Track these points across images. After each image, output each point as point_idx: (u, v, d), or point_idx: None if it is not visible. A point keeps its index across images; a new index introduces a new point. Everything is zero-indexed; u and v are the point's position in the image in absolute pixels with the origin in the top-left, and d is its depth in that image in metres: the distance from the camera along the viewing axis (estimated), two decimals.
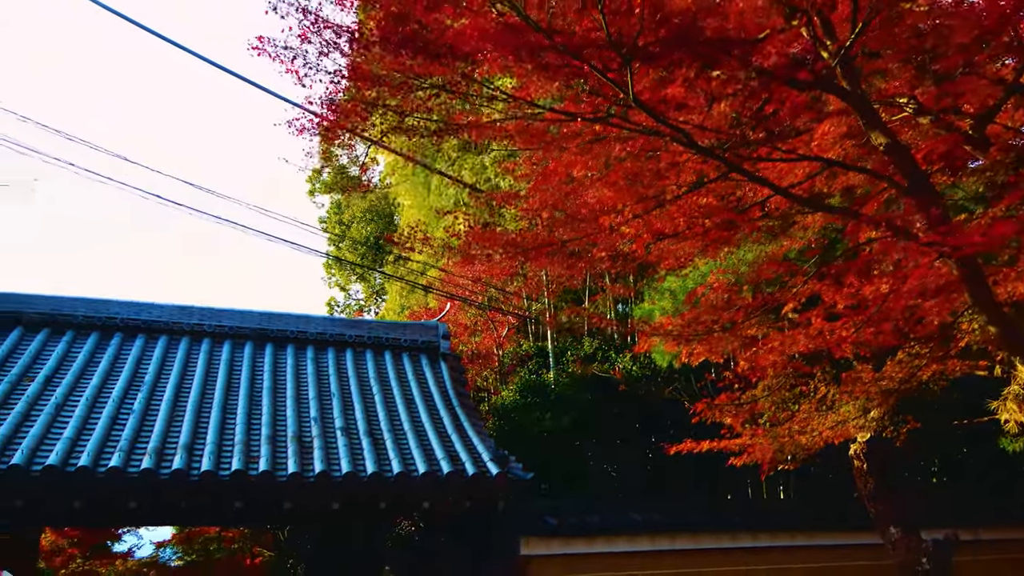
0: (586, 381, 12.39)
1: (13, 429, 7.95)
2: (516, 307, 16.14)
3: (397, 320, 17.24)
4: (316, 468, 8.25)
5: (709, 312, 6.02)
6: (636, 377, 12.06)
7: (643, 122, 4.73)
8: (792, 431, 6.69)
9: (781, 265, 6.05)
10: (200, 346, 10.99)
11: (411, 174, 21.01)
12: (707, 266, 8.41)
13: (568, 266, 5.85)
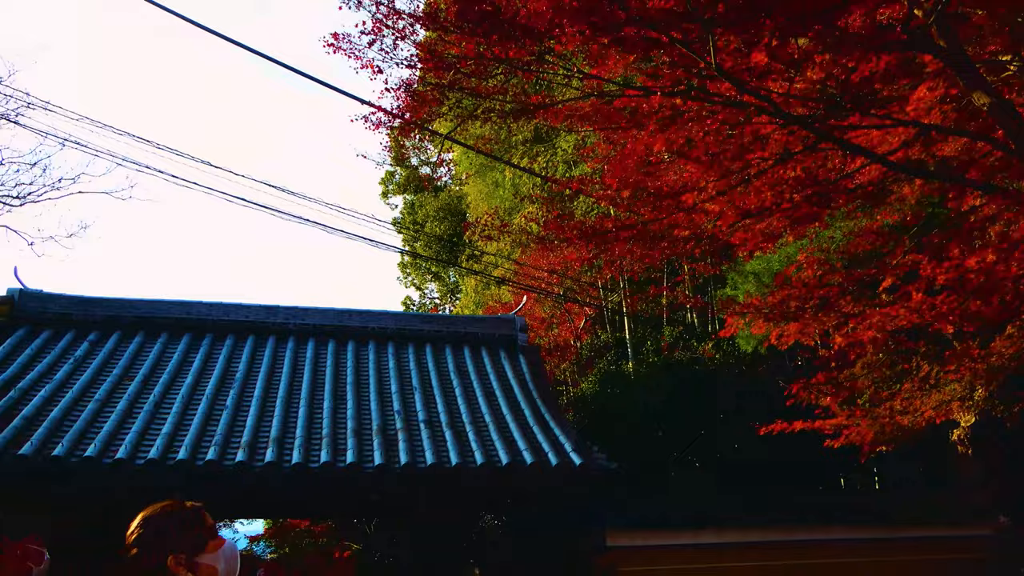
0: (667, 370, 12.15)
1: (116, 426, 8.34)
2: (592, 298, 15.99)
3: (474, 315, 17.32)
4: (401, 459, 8.34)
5: (800, 291, 5.77)
6: (719, 365, 11.76)
7: (726, 93, 4.56)
8: (893, 411, 6.34)
9: (878, 236, 5.73)
10: (286, 344, 11.29)
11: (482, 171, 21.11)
12: (793, 247, 8.11)
13: (648, 248, 5.70)
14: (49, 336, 10.39)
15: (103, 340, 10.54)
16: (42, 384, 9.12)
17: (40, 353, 9.93)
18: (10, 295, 10.75)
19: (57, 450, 7.56)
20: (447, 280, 33.22)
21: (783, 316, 5.80)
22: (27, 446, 7.54)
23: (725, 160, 4.92)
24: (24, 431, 7.93)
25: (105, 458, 7.66)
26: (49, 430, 7.98)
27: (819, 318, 5.85)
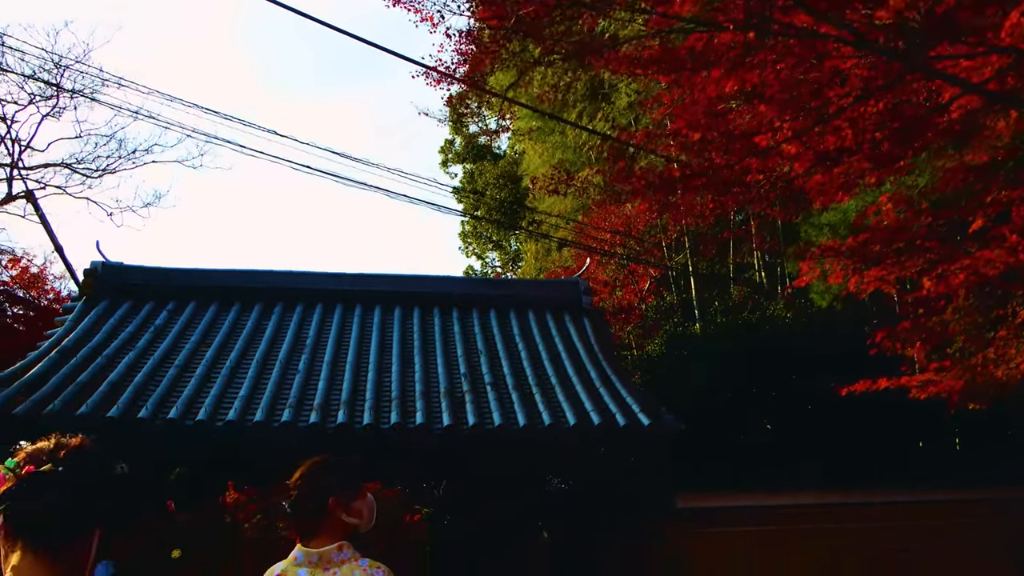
0: (734, 331, 11.86)
1: (196, 390, 8.62)
2: (657, 259, 15.73)
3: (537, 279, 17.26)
4: (469, 421, 8.40)
5: (882, 234, 5.48)
6: (790, 325, 11.41)
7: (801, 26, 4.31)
8: (986, 362, 5.99)
9: (969, 172, 5.37)
10: (353, 311, 11.46)
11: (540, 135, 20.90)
12: (871, 195, 7.74)
13: (720, 195, 5.50)
14: (130, 306, 10.79)
15: (180, 309, 10.90)
16: (125, 351, 9.49)
17: (123, 322, 10.32)
18: (94, 267, 11.19)
19: (142, 413, 7.87)
20: (508, 249, 33.26)
21: (865, 259, 5.52)
22: (114, 409, 7.87)
23: (802, 98, 4.68)
24: (111, 395, 8.28)
25: (187, 420, 7.94)
26: (134, 394, 8.31)
27: (903, 262, 5.54)
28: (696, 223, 13.43)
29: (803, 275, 6.49)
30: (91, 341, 9.60)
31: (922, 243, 5.38)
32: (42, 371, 8.61)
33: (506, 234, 31.75)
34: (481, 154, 32.31)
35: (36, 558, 1.35)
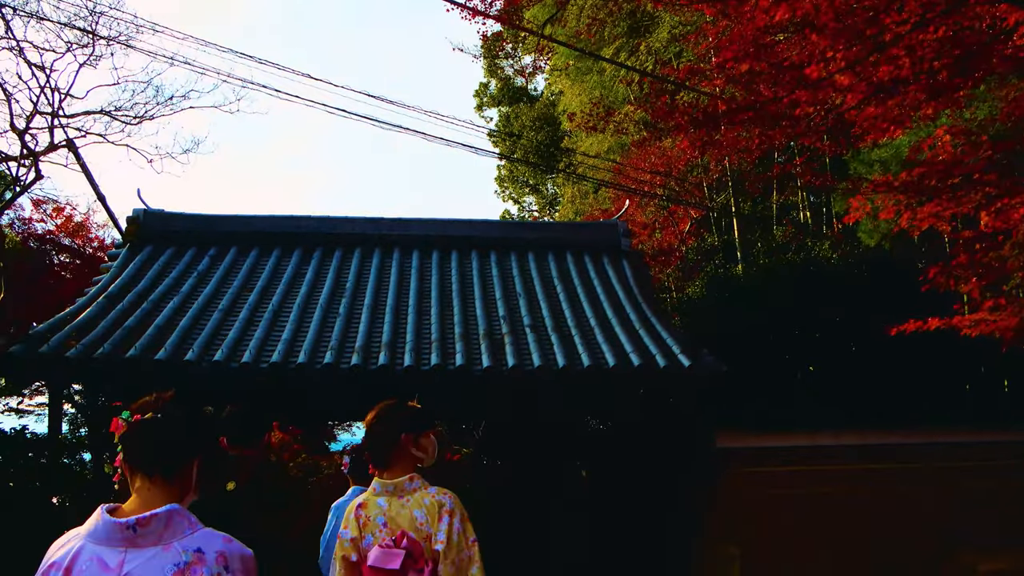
0: (777, 273, 11.64)
1: (240, 333, 8.79)
2: (698, 200, 15.42)
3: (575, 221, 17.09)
4: (509, 362, 8.43)
5: (938, 168, 5.24)
6: (836, 265, 11.14)
7: None
8: None
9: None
10: (392, 255, 11.50)
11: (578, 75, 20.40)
12: (925, 130, 7.41)
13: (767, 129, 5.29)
14: (173, 252, 10.97)
15: (222, 255, 11.05)
16: (170, 296, 9.69)
17: (166, 268, 10.51)
18: (136, 215, 11.37)
19: (188, 355, 8.06)
20: (545, 192, 32.98)
21: (920, 194, 5.29)
22: (162, 352, 8.07)
23: (856, 26, 4.42)
24: (158, 338, 8.48)
25: (232, 362, 8.12)
26: (180, 337, 8.50)
27: (959, 197, 5.30)
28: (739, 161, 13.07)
29: (853, 212, 6.25)
30: (136, 287, 9.80)
31: (981, 177, 5.13)
32: (91, 316, 8.84)
33: (543, 177, 31.43)
34: (517, 96, 31.79)
35: (152, 483, 1.80)
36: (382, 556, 2.71)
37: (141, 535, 1.68)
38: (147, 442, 1.81)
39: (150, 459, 1.80)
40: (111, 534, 1.69)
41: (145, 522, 1.68)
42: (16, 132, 11.30)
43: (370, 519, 2.86)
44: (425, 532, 2.81)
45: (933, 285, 6.35)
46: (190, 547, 1.69)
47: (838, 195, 9.82)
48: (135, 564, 1.65)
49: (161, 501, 1.76)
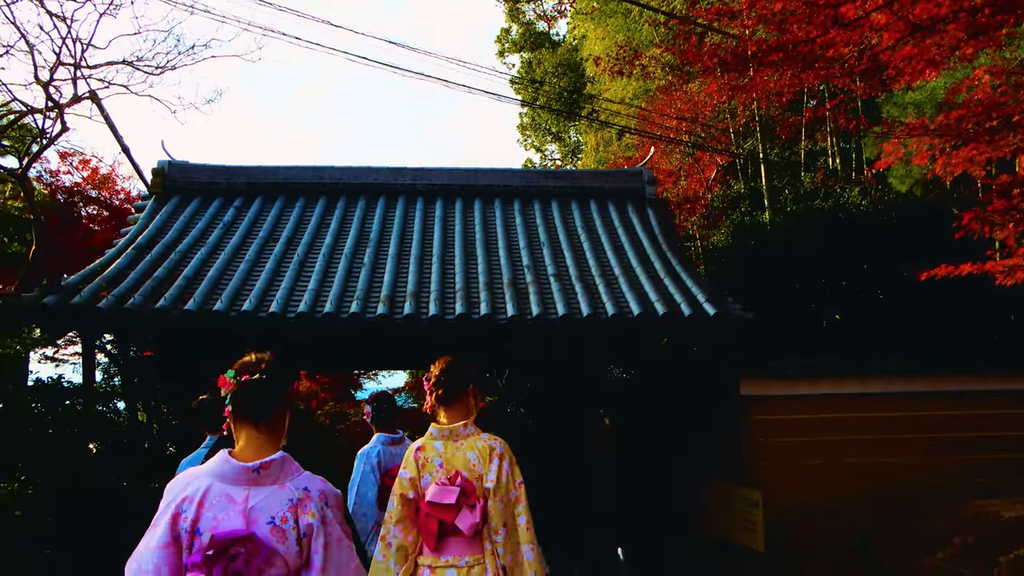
0: (806, 220, 11.46)
1: (267, 283, 8.88)
2: (724, 146, 15.13)
3: (599, 169, 16.89)
4: (534, 311, 8.45)
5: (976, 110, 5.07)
6: (865, 212, 10.94)
7: None
8: None
9: None
10: (415, 204, 11.49)
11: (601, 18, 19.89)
12: (962, 72, 7.16)
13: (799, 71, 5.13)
14: (199, 203, 11.04)
15: (247, 205, 11.10)
16: (198, 247, 9.79)
17: (192, 219, 10.59)
18: (161, 167, 11.42)
19: (217, 306, 8.17)
20: (567, 140, 32.57)
21: (959, 136, 5.12)
22: (191, 302, 8.18)
23: None
24: (187, 289, 8.60)
25: (260, 312, 8.22)
26: (209, 288, 8.61)
27: (996, 141, 5.13)
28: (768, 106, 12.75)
29: (885, 157, 6.09)
30: (164, 238, 9.91)
31: (1021, 119, 4.96)
32: (121, 267, 8.97)
33: (565, 125, 31.00)
34: (539, 42, 31.17)
35: (258, 432, 2.19)
36: (439, 492, 3.05)
37: (262, 476, 2.07)
38: (254, 399, 2.19)
39: (257, 413, 2.19)
40: (237, 475, 2.07)
41: (266, 466, 2.08)
42: (40, 84, 11.33)
43: (428, 460, 3.17)
44: (477, 472, 3.13)
45: (967, 231, 6.21)
46: (299, 486, 2.11)
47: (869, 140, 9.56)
48: (258, 499, 2.03)
49: (267, 447, 2.15)
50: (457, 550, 3.04)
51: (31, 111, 11.62)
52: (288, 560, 2.02)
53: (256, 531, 2.00)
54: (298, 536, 2.04)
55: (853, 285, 11.57)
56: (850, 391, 9.13)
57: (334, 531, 2.10)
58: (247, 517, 2.01)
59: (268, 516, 2.03)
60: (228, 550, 1.95)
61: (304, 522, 2.06)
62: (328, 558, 2.05)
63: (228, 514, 2.01)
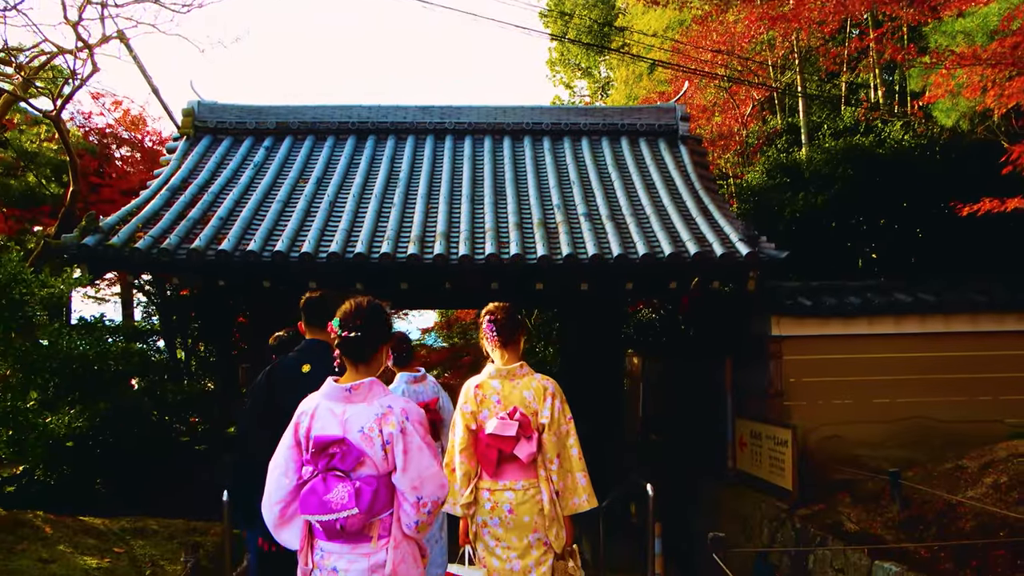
0: (845, 156, 11.12)
1: (299, 224, 8.93)
2: (761, 79, 14.65)
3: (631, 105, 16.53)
4: (563, 251, 8.42)
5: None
6: (907, 147, 10.58)
7: None
8: None
9: None
10: (444, 143, 11.40)
11: None
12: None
13: None
14: (230, 143, 11.07)
15: (277, 145, 11.11)
16: (230, 188, 9.85)
17: (224, 160, 10.64)
18: (191, 107, 11.43)
19: (252, 246, 8.26)
20: (597, 76, 31.86)
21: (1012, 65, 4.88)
22: (226, 243, 8.28)
23: None
24: (221, 230, 8.69)
25: (292, 252, 8.30)
26: (242, 228, 8.69)
27: None
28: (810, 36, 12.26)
29: (933, 89, 5.83)
30: (196, 179, 9.98)
31: None
32: (156, 208, 9.08)
33: (595, 59, 30.26)
34: None
35: (358, 367, 2.67)
36: (501, 425, 3.38)
37: (354, 395, 2.59)
38: (354, 346, 2.64)
39: (357, 355, 2.66)
40: (337, 394, 2.62)
41: (356, 387, 2.60)
42: (69, 23, 11.29)
43: (486, 396, 3.50)
44: (533, 408, 3.47)
45: (1016, 166, 5.98)
46: (384, 403, 2.59)
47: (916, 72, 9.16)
48: (351, 413, 2.56)
49: (365, 376, 2.67)
50: (514, 475, 3.42)
51: (61, 52, 11.63)
52: (376, 462, 2.53)
53: (348, 437, 2.53)
54: (382, 443, 2.53)
55: (892, 223, 11.29)
56: (884, 331, 9.04)
57: (413, 440, 2.54)
58: (343, 426, 2.55)
59: (358, 426, 2.54)
60: (327, 449, 2.54)
61: (386, 432, 2.53)
62: (408, 462, 2.51)
63: (329, 423, 2.56)
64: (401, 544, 2.54)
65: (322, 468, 2.54)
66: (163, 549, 5.98)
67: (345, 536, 2.52)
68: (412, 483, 2.51)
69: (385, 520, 2.56)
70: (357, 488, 2.49)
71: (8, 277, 6.31)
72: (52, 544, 5.41)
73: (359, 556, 2.52)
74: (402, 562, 2.53)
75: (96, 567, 5.14)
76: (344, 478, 2.50)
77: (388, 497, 2.56)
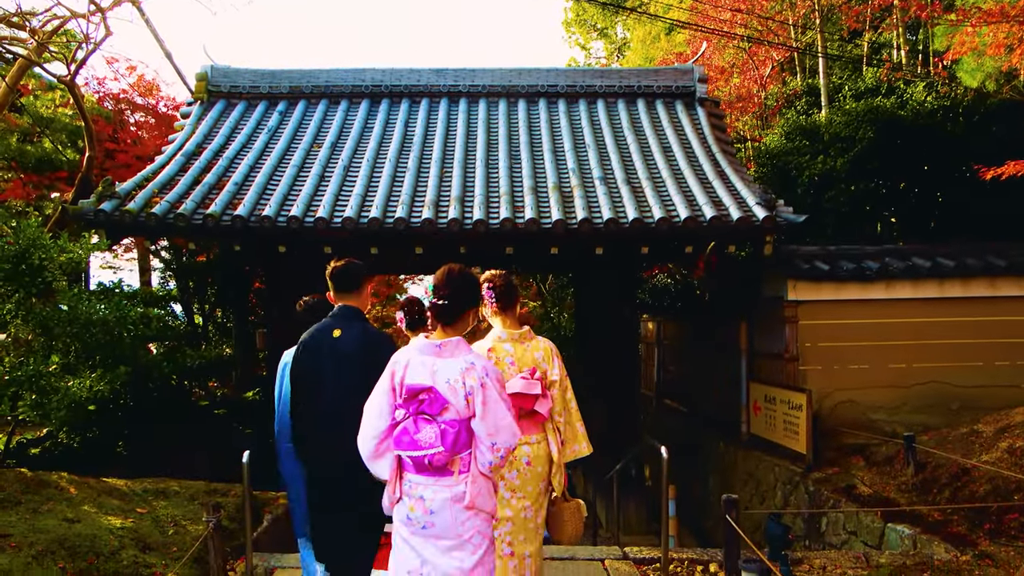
0: (865, 118, 10.92)
1: (314, 189, 8.93)
2: (782, 39, 14.34)
3: (648, 67, 16.27)
4: (579, 216, 8.37)
5: None
6: (930, 109, 10.36)
7: None
8: None
9: None
10: (458, 106, 11.30)
11: None
12: None
13: None
14: (243, 108, 11.03)
15: (291, 109, 11.06)
16: (244, 153, 9.84)
17: (238, 124, 10.61)
18: (204, 71, 11.37)
19: (267, 211, 8.27)
20: (614, 37, 31.35)
21: None
22: (242, 208, 8.30)
23: None
24: (236, 195, 8.71)
25: (307, 218, 8.31)
26: (258, 193, 8.70)
27: None
28: None
29: (958, 47, 5.67)
30: (211, 144, 9.97)
31: None
32: (171, 174, 9.10)
33: (612, 20, 29.75)
34: None
35: (445, 328, 3.02)
36: (527, 384, 3.65)
37: (443, 351, 2.98)
38: (442, 311, 3.02)
39: (445, 319, 3.03)
40: (428, 349, 3.00)
41: (445, 344, 2.99)
42: None
43: (500, 359, 3.71)
44: (543, 368, 3.76)
45: None
46: (468, 360, 2.95)
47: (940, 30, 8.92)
48: (439, 366, 2.94)
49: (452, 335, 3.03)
50: (528, 430, 3.69)
51: (74, 15, 11.56)
52: (458, 409, 2.90)
53: (436, 386, 2.92)
54: (464, 393, 2.90)
55: (912, 187, 11.12)
56: (902, 295, 8.96)
57: (491, 394, 2.91)
58: (432, 377, 2.93)
59: (445, 378, 2.92)
60: (417, 395, 2.94)
61: (469, 384, 2.90)
62: (486, 412, 2.89)
63: (420, 374, 2.96)
64: (478, 479, 2.94)
65: (413, 412, 2.95)
66: (185, 510, 6.10)
67: (431, 470, 2.93)
68: (488, 430, 2.89)
69: (465, 458, 2.95)
70: (442, 430, 2.89)
71: (27, 242, 6.35)
72: (77, 504, 5.53)
73: (442, 487, 2.94)
74: (479, 494, 2.94)
75: (120, 527, 5.25)
76: (431, 421, 2.91)
77: (468, 439, 2.94)
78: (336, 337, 3.58)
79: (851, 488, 7.22)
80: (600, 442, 9.92)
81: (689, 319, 12.81)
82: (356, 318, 3.65)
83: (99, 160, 12.50)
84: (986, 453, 6.82)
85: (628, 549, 5.71)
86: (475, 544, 2.95)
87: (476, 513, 2.95)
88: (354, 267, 3.74)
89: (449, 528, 2.93)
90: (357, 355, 3.51)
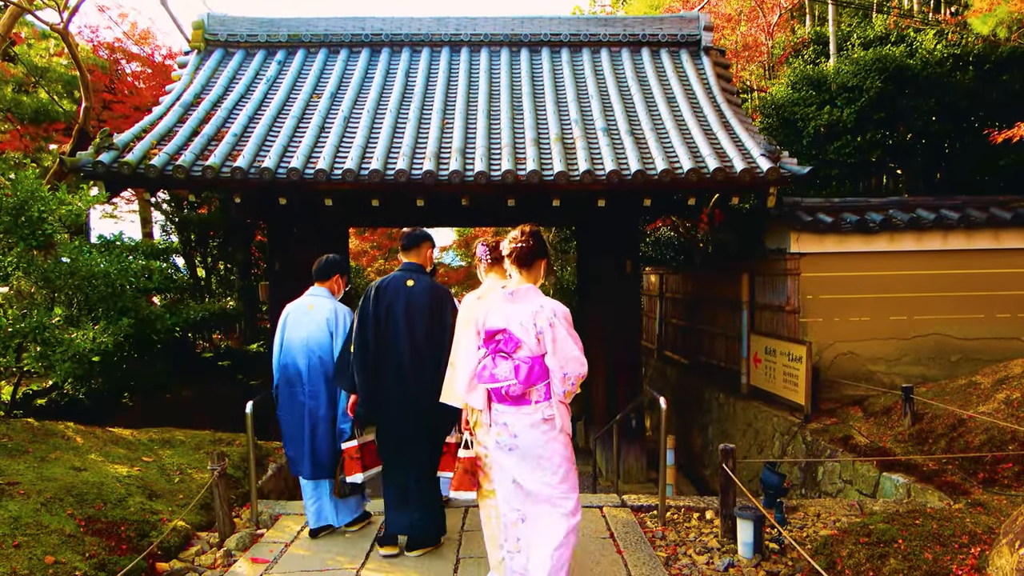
0: (875, 68, 10.73)
1: (314, 140, 8.84)
2: None
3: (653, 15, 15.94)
4: (581, 167, 8.29)
5: None
6: (940, 59, 10.16)
7: None
8: None
9: None
10: (459, 55, 11.11)
11: None
12: None
13: None
14: (241, 58, 10.85)
15: (290, 59, 10.88)
16: (243, 103, 9.72)
17: (236, 75, 10.45)
18: (201, 20, 11.17)
19: (267, 163, 8.20)
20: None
21: None
22: (241, 159, 8.23)
23: None
24: (235, 146, 8.63)
25: (308, 169, 8.24)
26: (257, 145, 8.62)
27: None
28: None
29: None
30: (209, 94, 9.84)
31: None
32: (169, 125, 9.00)
33: None
34: None
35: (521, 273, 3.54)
36: None
37: (515, 298, 3.48)
38: (521, 256, 3.51)
39: (523, 261, 3.51)
40: (503, 296, 3.54)
41: (516, 291, 3.49)
42: None
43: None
44: None
45: None
46: (537, 303, 3.41)
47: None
48: (512, 310, 3.43)
49: (527, 281, 3.53)
50: None
51: None
52: (530, 347, 3.37)
53: (509, 327, 3.41)
54: (535, 333, 3.36)
55: (919, 139, 10.99)
56: (905, 248, 8.93)
57: (560, 332, 3.35)
58: (506, 320, 3.44)
59: (518, 320, 3.40)
60: (494, 336, 3.47)
61: (539, 325, 3.36)
62: (556, 348, 3.35)
63: (497, 318, 3.48)
64: (558, 406, 3.45)
65: (491, 351, 3.48)
66: (190, 458, 6.20)
67: (511, 399, 3.44)
68: (559, 363, 3.35)
69: (540, 389, 3.41)
70: (516, 366, 3.37)
71: (26, 194, 6.33)
72: (84, 453, 5.62)
73: (522, 415, 3.44)
74: (562, 417, 3.46)
75: (127, 475, 5.34)
76: (507, 358, 3.41)
77: (541, 372, 3.39)
78: (410, 286, 4.41)
79: (848, 438, 7.30)
80: (602, 393, 9.99)
81: (692, 272, 12.81)
82: (422, 272, 4.50)
83: (96, 111, 12.37)
84: (983, 404, 6.88)
85: (626, 497, 5.81)
86: (556, 463, 3.44)
87: (556, 436, 3.44)
88: (418, 232, 4.63)
89: (532, 449, 3.43)
90: (426, 302, 4.34)
